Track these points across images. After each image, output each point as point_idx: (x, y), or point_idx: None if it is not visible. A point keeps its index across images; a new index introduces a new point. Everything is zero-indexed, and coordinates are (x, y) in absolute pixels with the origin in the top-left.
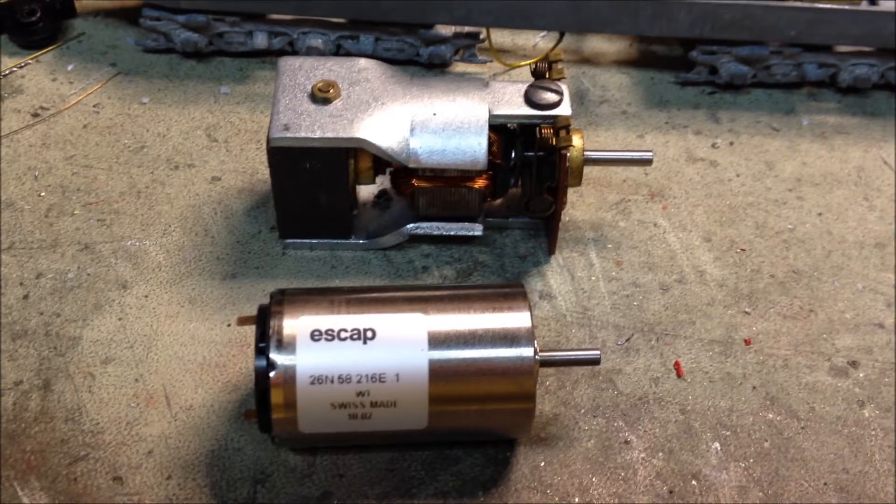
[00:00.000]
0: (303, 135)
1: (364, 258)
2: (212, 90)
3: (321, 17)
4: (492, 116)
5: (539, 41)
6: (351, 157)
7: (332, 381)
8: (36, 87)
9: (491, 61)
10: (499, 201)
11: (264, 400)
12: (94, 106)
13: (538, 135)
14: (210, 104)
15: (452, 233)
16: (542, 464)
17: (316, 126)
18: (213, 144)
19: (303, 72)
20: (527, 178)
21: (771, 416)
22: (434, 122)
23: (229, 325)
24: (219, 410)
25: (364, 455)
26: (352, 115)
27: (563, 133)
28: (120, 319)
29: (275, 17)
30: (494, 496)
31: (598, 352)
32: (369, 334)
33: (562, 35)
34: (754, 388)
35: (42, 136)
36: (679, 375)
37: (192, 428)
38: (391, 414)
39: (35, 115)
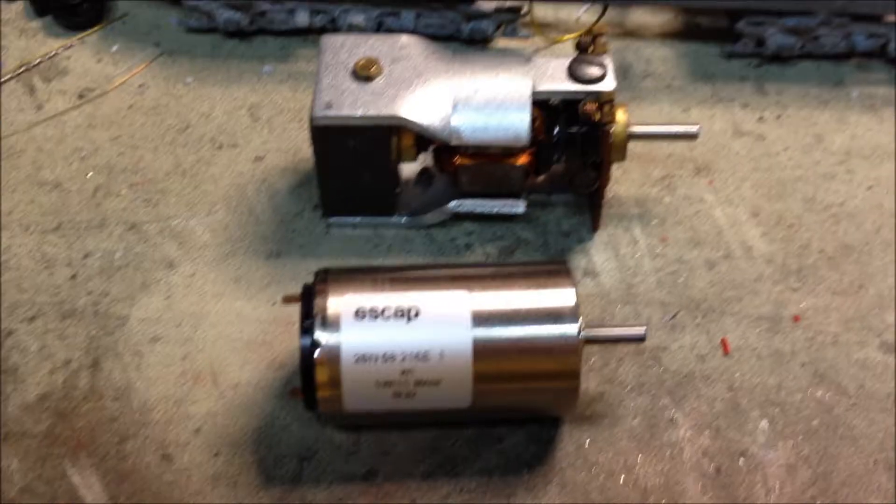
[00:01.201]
0: (345, 113)
1: (407, 236)
2: (254, 69)
3: None
4: (535, 92)
5: (582, 15)
6: (394, 135)
7: (376, 360)
8: (81, 69)
9: (533, 36)
10: (541, 178)
11: (309, 378)
12: (139, 86)
13: (581, 110)
14: (253, 83)
15: (495, 210)
16: (587, 442)
17: (358, 104)
18: (256, 124)
19: (345, 49)
20: (570, 154)
21: (820, 393)
22: (476, 98)
23: (274, 304)
24: (265, 388)
25: (408, 433)
26: (394, 92)
27: (606, 108)
28: (167, 298)
29: None
30: (539, 474)
31: (643, 329)
32: (413, 313)
33: (605, 8)
34: (803, 365)
35: (88, 116)
36: (726, 353)
37: (239, 406)
38: (435, 392)
39: (81, 96)
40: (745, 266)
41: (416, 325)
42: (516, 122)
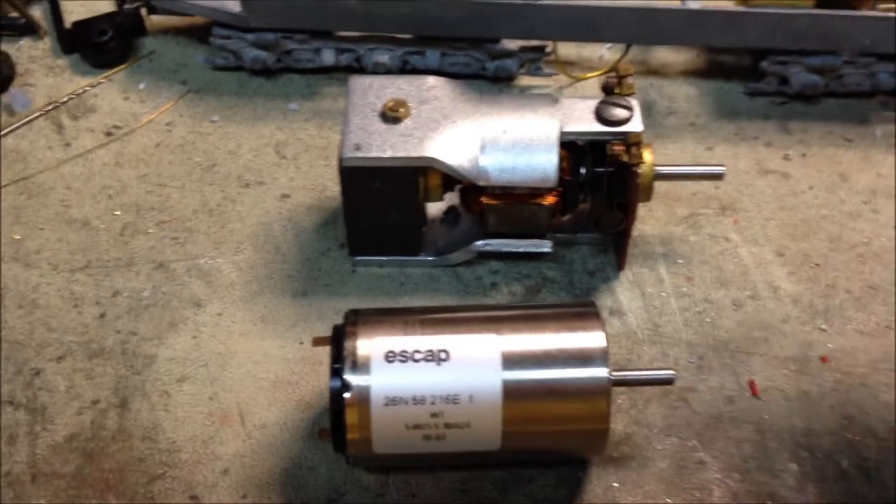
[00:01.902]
0: (374, 154)
1: (433, 275)
2: (280, 107)
3: (388, 34)
4: (563, 133)
5: (605, 53)
6: (421, 176)
7: (406, 403)
8: (109, 106)
9: (557, 74)
10: (567, 217)
11: (339, 420)
12: (167, 124)
13: (609, 151)
14: (279, 121)
15: (521, 249)
16: (616, 484)
17: (387, 145)
18: (283, 161)
19: (373, 91)
20: (597, 194)
21: (849, 435)
22: (504, 139)
23: (301, 343)
24: (292, 429)
25: (437, 474)
26: (422, 133)
27: (634, 150)
28: (194, 338)
29: (342, 34)
30: None
31: (672, 372)
32: (443, 355)
33: (628, 47)
34: (832, 406)
35: (115, 154)
36: (754, 394)
37: (267, 446)
38: (465, 435)
39: (108, 133)
40: (772, 306)
41: (446, 368)
42: (544, 163)
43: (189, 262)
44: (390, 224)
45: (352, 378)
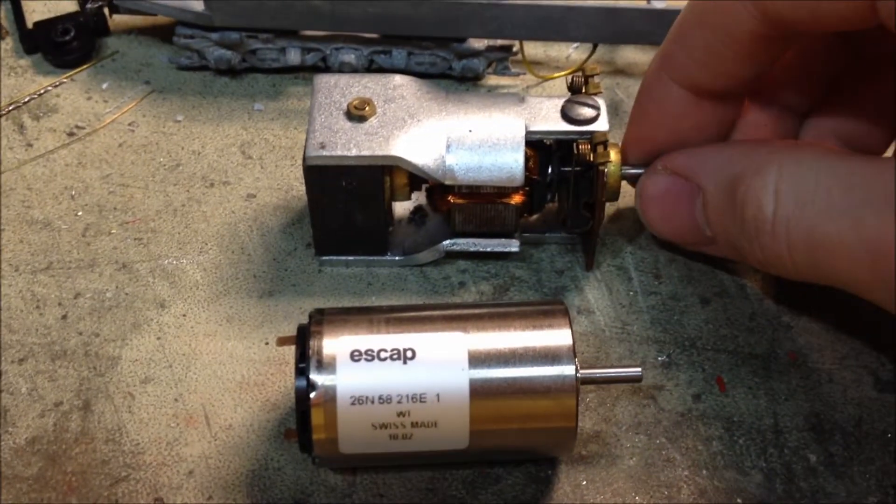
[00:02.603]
0: (339, 153)
1: (400, 274)
2: (245, 107)
3: (354, 33)
4: (528, 132)
5: (572, 52)
6: (387, 175)
7: (372, 402)
8: (71, 106)
9: (524, 74)
10: (535, 217)
11: (305, 420)
12: (129, 124)
13: (575, 151)
14: (244, 121)
15: (489, 249)
16: (584, 482)
17: (352, 144)
18: (248, 161)
19: (338, 89)
20: (564, 193)
21: (817, 432)
22: (470, 138)
23: (267, 344)
24: (258, 430)
25: (404, 474)
26: (387, 132)
27: (600, 149)
28: (158, 339)
29: (308, 33)
30: None
31: (639, 370)
32: (409, 354)
33: (595, 46)
34: (799, 403)
35: (78, 155)
36: (722, 391)
37: (232, 448)
38: (432, 434)
39: (70, 134)
40: (740, 303)
41: (413, 367)
42: (510, 162)
43: (153, 262)
44: (356, 224)
45: (317, 378)
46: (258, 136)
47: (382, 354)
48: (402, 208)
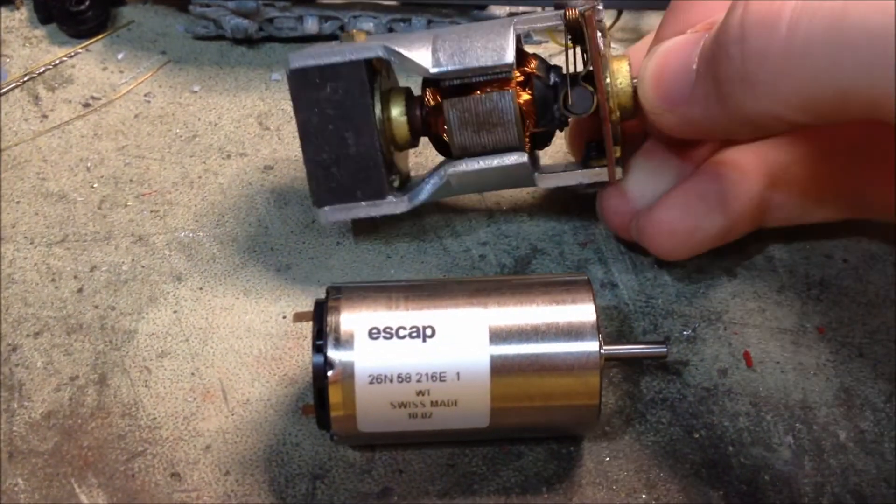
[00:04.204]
0: (320, 56)
1: (419, 247)
2: (262, 77)
3: (372, 1)
4: (516, 25)
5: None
6: (377, 98)
7: (391, 381)
8: (86, 77)
9: (547, 42)
10: (544, 129)
11: (322, 398)
12: (145, 95)
13: (564, 18)
14: (261, 91)
15: (495, 164)
16: (608, 459)
17: (334, 49)
18: (265, 132)
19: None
20: (564, 76)
21: (846, 407)
22: (457, 31)
23: (284, 318)
24: (276, 405)
25: (424, 451)
26: (376, 39)
27: (588, 13)
28: (175, 312)
29: (325, 1)
30: (559, 492)
31: (665, 347)
32: (428, 332)
33: (620, 13)
34: (828, 378)
35: (93, 126)
36: (749, 366)
37: (250, 423)
38: (452, 413)
39: (86, 105)
40: (767, 276)
41: (432, 345)
42: (499, 42)
43: (169, 235)
44: (348, 154)
45: (335, 355)
46: (276, 106)
47: (401, 332)
48: (410, 169)
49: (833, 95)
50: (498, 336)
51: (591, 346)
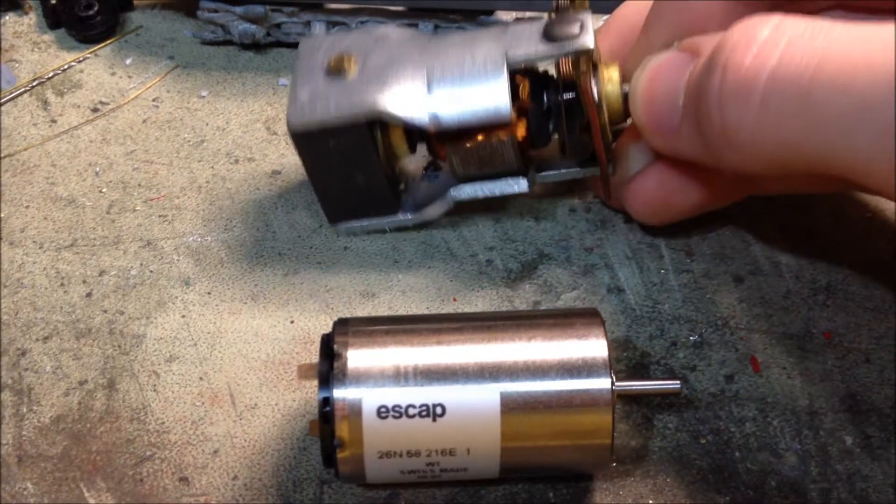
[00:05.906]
0: (318, 116)
1: (426, 251)
2: (270, 82)
3: (379, 6)
4: (509, 62)
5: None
6: (377, 131)
7: (400, 455)
8: (95, 82)
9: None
10: (542, 149)
11: (331, 463)
12: (154, 100)
13: (559, 70)
14: (269, 96)
15: (497, 192)
16: (614, 463)
17: (331, 103)
18: (273, 137)
19: (322, 50)
20: (564, 121)
21: (853, 413)
22: (450, 79)
23: (292, 322)
24: (284, 409)
25: None
26: (365, 86)
27: (583, 65)
28: (183, 317)
29: (332, 6)
30: (566, 498)
31: (678, 383)
32: (438, 410)
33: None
34: (835, 384)
35: (102, 131)
36: (755, 371)
37: (258, 427)
38: (462, 476)
39: (95, 109)
40: (774, 282)
41: (443, 424)
42: (494, 95)
43: (177, 239)
44: (358, 185)
45: (344, 435)
46: (283, 111)
47: (411, 411)
48: (416, 167)
49: (807, 161)
50: (509, 406)
51: (605, 420)
